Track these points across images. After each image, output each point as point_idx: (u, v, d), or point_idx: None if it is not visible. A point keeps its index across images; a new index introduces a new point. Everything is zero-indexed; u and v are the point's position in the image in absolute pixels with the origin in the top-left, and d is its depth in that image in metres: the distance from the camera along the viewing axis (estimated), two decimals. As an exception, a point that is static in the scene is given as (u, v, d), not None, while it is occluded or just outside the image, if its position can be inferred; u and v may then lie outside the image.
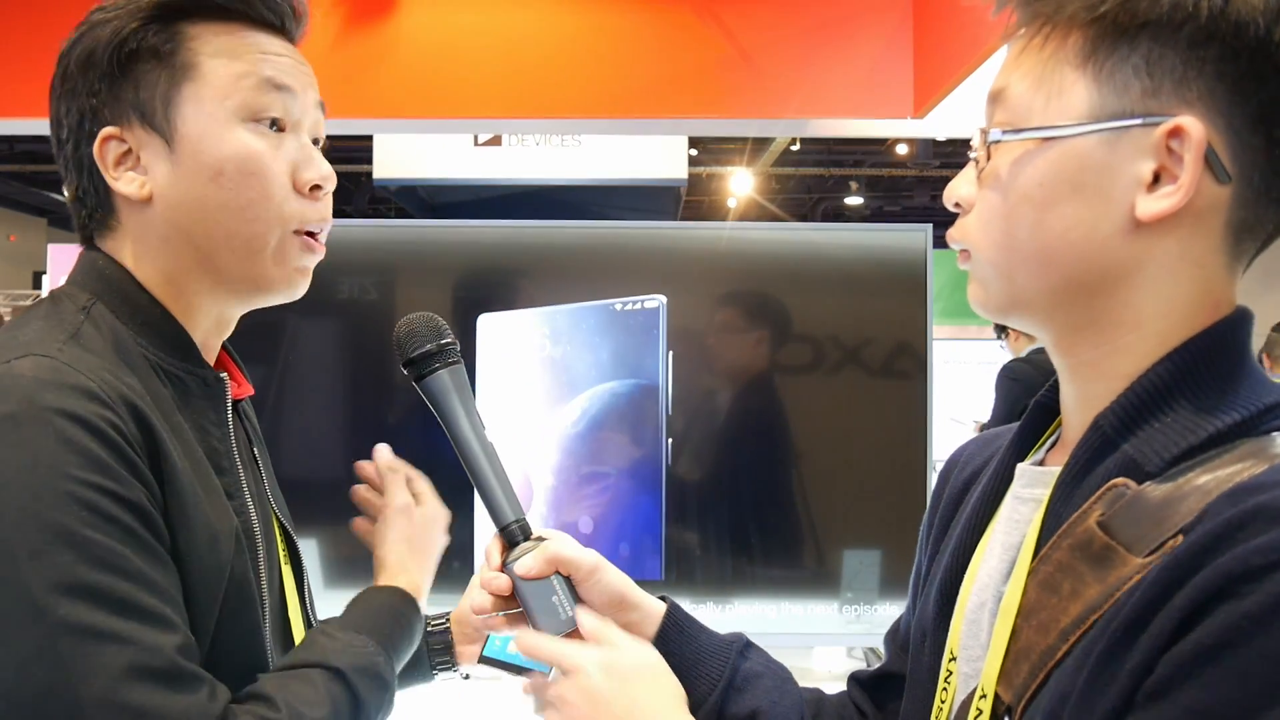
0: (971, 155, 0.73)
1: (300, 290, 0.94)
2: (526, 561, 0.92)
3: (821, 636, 1.89)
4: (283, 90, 0.88)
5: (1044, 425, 0.80)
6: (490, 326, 1.52)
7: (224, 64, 0.87)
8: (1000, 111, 0.70)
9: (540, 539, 0.95)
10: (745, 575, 1.83)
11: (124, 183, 0.87)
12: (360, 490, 1.13)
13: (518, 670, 1.01)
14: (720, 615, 1.83)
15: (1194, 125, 0.62)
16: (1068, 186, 0.66)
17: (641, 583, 0.96)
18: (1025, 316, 0.73)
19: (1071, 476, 0.68)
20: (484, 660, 1.04)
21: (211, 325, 0.93)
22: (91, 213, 0.90)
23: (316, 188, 0.90)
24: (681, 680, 0.94)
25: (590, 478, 1.34)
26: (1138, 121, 0.63)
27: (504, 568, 0.93)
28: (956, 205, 0.74)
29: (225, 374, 0.93)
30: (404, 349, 0.95)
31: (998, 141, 0.69)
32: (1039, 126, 0.67)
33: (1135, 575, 0.60)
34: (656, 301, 1.34)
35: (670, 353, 1.31)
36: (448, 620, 1.20)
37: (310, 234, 0.91)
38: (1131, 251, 0.65)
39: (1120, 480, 0.65)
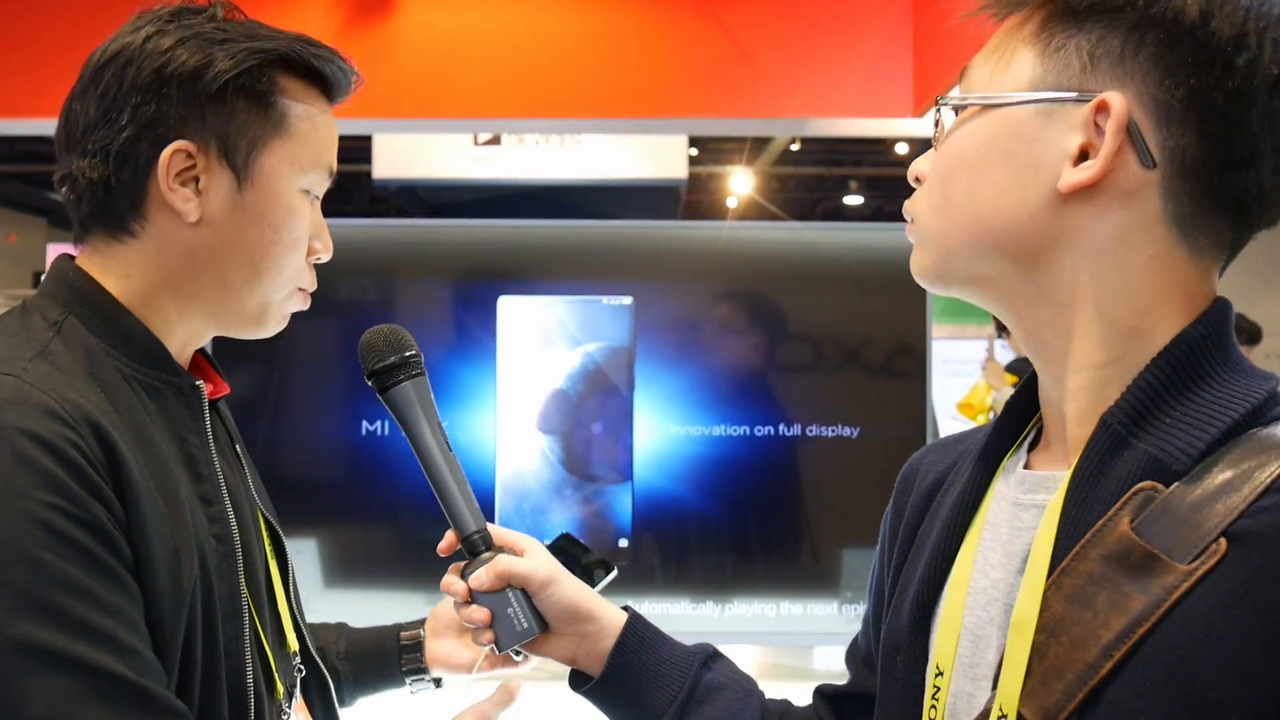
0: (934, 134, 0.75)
1: (276, 331, 0.99)
2: (480, 575, 0.94)
3: (821, 636, 1.89)
4: (331, 177, 0.96)
5: (1019, 427, 0.78)
6: (507, 305, 1.82)
7: (308, 130, 0.93)
8: (960, 87, 0.73)
9: (499, 549, 0.95)
10: (745, 575, 1.83)
11: (179, 198, 0.87)
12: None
13: None
14: (720, 615, 1.83)
15: (1117, 100, 0.64)
16: (1001, 154, 0.68)
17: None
18: (966, 287, 0.73)
19: (1085, 480, 0.66)
20: None
21: (185, 339, 0.93)
22: (109, 207, 0.88)
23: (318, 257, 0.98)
24: (640, 692, 0.94)
25: (588, 397, 1.83)
26: (1072, 95, 0.66)
27: (462, 576, 0.95)
28: (916, 180, 0.76)
29: (201, 381, 0.92)
30: (367, 362, 0.97)
31: (945, 106, 0.72)
32: (982, 95, 0.70)
33: (1184, 584, 0.59)
34: (628, 299, 1.81)
35: (636, 326, 1.82)
36: (421, 630, 1.17)
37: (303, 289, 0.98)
38: (1060, 225, 0.67)
39: (1148, 484, 0.63)
